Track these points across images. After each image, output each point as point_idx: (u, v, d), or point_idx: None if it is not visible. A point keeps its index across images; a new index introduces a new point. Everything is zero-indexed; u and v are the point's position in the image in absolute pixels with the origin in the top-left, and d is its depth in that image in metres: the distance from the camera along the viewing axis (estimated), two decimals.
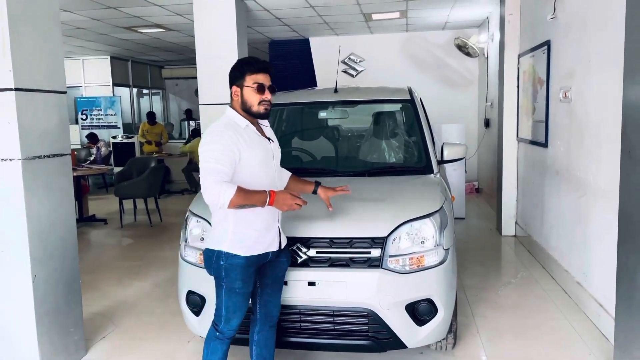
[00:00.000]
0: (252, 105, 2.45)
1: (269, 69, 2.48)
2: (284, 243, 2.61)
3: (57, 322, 3.13)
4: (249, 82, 2.44)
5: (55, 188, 3.12)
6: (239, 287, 2.44)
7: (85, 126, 11.72)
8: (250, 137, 2.44)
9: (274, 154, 2.57)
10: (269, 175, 2.50)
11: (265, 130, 2.59)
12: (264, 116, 2.48)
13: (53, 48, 3.11)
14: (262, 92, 2.43)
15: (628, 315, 2.73)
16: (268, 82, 2.46)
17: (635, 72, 2.63)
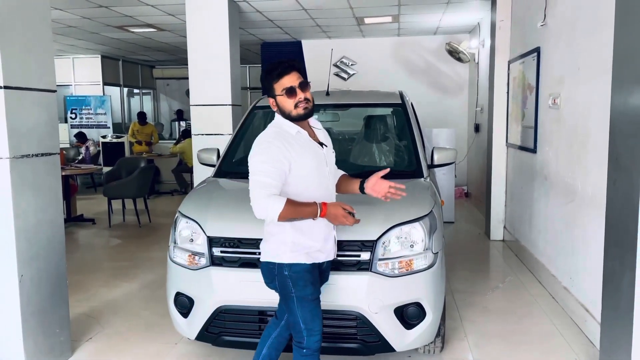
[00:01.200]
0: (290, 111, 2.33)
1: (291, 68, 2.33)
2: (334, 255, 2.53)
3: (43, 323, 3.10)
4: (278, 91, 2.33)
5: (43, 187, 3.09)
6: (310, 293, 2.33)
7: (75, 125, 11.63)
8: (301, 144, 2.33)
9: (327, 159, 2.44)
10: (322, 183, 2.40)
11: (319, 133, 2.48)
12: (306, 116, 2.35)
13: (43, 46, 3.09)
14: (294, 95, 2.31)
15: (613, 320, 2.76)
16: (296, 81, 2.32)
17: (623, 80, 2.67)
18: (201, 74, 6.41)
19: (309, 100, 2.33)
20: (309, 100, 2.33)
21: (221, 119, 6.44)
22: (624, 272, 2.61)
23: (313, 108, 2.37)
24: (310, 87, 2.37)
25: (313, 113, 2.38)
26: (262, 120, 4.53)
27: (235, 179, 3.74)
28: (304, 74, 2.41)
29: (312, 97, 2.36)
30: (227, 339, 2.87)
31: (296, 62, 2.39)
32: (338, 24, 8.24)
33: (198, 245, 2.93)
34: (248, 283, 2.78)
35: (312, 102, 2.36)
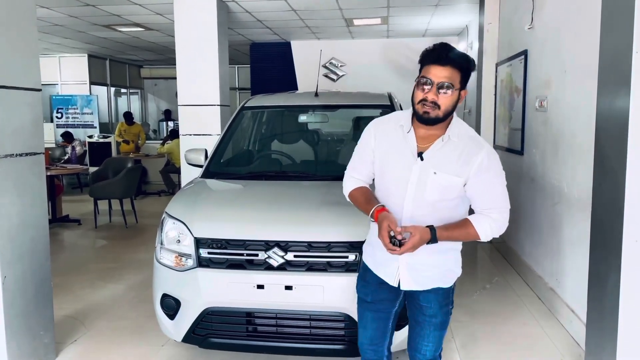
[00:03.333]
0: (414, 104, 1.97)
1: (446, 61, 1.89)
2: (416, 285, 2.10)
3: (27, 325, 3.05)
4: (419, 75, 1.96)
5: (27, 187, 3.04)
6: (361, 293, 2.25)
7: (61, 125, 11.49)
8: (396, 140, 2.05)
9: (419, 177, 1.99)
10: (393, 198, 2.04)
11: (453, 148, 1.98)
12: (423, 120, 1.95)
13: (28, 44, 3.04)
14: (425, 90, 1.91)
15: (599, 321, 2.78)
16: (441, 78, 1.89)
17: (608, 83, 2.70)
18: (189, 74, 6.38)
19: (434, 105, 1.91)
20: (434, 106, 1.91)
21: (209, 119, 6.41)
22: (609, 273, 2.64)
23: (441, 117, 1.94)
24: (453, 94, 1.92)
25: (438, 122, 1.95)
26: (251, 120, 4.52)
27: (223, 179, 3.73)
28: (465, 74, 1.94)
29: (449, 104, 1.92)
30: (214, 341, 2.85)
31: (464, 57, 1.94)
32: (327, 25, 8.25)
33: (185, 246, 2.90)
34: (236, 285, 2.76)
35: (441, 110, 1.92)
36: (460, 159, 1.99)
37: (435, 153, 2.00)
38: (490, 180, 2.01)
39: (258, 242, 2.78)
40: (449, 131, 2.00)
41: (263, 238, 2.78)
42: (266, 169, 3.99)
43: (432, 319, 2.16)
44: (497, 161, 2.04)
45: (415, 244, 1.91)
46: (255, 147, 4.51)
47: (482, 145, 2.02)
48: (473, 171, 1.97)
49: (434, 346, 2.20)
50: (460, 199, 2.06)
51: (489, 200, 2.02)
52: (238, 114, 4.20)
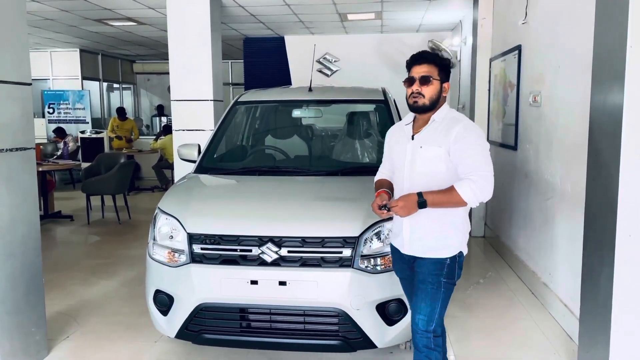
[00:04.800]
0: (407, 100, 2.41)
1: (422, 60, 2.37)
2: (413, 251, 2.40)
3: (18, 321, 3.02)
4: (405, 79, 2.41)
5: (17, 183, 3.01)
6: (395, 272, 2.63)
7: (52, 120, 11.40)
8: (399, 135, 2.52)
9: (411, 154, 2.39)
10: (399, 177, 2.46)
11: (437, 127, 2.36)
12: (414, 109, 2.40)
13: (18, 38, 3.00)
14: (411, 85, 2.37)
15: (592, 316, 2.79)
16: (420, 73, 2.34)
17: (602, 78, 2.69)
18: (182, 69, 6.33)
19: (420, 94, 2.34)
20: (419, 95, 2.34)
21: (203, 114, 6.37)
22: (602, 268, 2.64)
23: (428, 105, 2.35)
24: (434, 84, 2.35)
25: (426, 109, 2.37)
26: (244, 115, 4.50)
27: (217, 175, 3.71)
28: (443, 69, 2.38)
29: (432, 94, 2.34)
30: (208, 336, 2.84)
31: (436, 56, 2.41)
32: (321, 20, 8.21)
33: (178, 242, 2.88)
34: (229, 280, 2.75)
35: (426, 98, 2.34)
36: (441, 133, 2.34)
37: (423, 133, 2.40)
38: (468, 146, 2.28)
39: (252, 238, 2.77)
40: (434, 115, 2.40)
41: (257, 233, 2.77)
42: (260, 164, 3.97)
43: (422, 284, 2.37)
44: (475, 132, 2.34)
45: (401, 205, 2.25)
46: (249, 142, 4.49)
47: (460, 120, 2.38)
48: (452, 140, 2.29)
49: (425, 317, 2.34)
50: (453, 173, 2.31)
51: (468, 165, 2.26)
52: (231, 108, 4.18)
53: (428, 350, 2.35)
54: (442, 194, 2.25)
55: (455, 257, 2.36)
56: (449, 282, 2.37)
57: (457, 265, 2.37)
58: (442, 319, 2.38)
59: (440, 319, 2.36)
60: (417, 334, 2.36)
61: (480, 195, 2.23)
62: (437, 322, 2.34)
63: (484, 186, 2.23)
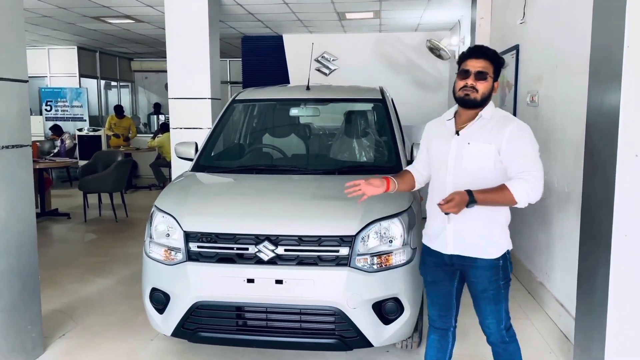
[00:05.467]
0: (455, 93, 2.32)
1: (480, 54, 2.28)
2: (458, 250, 2.33)
3: (13, 319, 3.02)
4: (458, 70, 2.33)
5: (13, 180, 3.00)
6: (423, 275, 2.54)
7: (50, 117, 11.37)
8: (440, 130, 2.43)
9: (456, 150, 2.30)
10: (440, 174, 2.37)
11: (485, 124, 2.29)
12: (464, 103, 2.29)
13: (14, 35, 2.99)
14: (465, 78, 2.27)
15: (588, 315, 2.80)
16: (477, 68, 2.25)
17: (599, 78, 2.70)
18: (180, 67, 6.33)
19: (474, 89, 2.25)
20: (474, 89, 2.26)
21: (200, 112, 6.37)
22: (598, 268, 2.65)
23: (479, 100, 2.27)
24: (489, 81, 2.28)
25: (475, 105, 2.29)
26: (242, 113, 4.49)
27: (214, 173, 3.70)
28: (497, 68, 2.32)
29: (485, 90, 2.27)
30: (204, 335, 2.84)
31: (494, 52, 2.33)
32: (319, 18, 8.21)
33: (174, 240, 2.88)
34: (225, 279, 2.75)
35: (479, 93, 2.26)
36: (492, 130, 2.27)
37: (470, 129, 2.31)
38: (522, 146, 2.22)
39: (248, 236, 2.76)
40: (482, 112, 2.32)
41: (253, 232, 2.77)
42: (257, 162, 3.97)
43: (483, 293, 2.35)
44: (529, 132, 2.27)
45: (454, 201, 2.14)
46: (246, 140, 4.48)
47: (513, 119, 2.33)
48: (505, 139, 2.22)
49: (495, 320, 2.37)
50: (500, 171, 2.26)
51: (521, 165, 2.20)
52: (229, 107, 4.17)
53: (504, 344, 2.40)
54: (493, 193, 2.18)
55: (505, 255, 2.34)
56: (507, 282, 2.36)
57: (508, 263, 2.36)
58: (509, 313, 2.41)
59: (507, 314, 2.39)
60: (491, 335, 2.42)
61: (532, 195, 2.18)
62: (505, 318, 2.39)
63: (536, 186, 2.18)
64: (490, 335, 2.42)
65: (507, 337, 2.40)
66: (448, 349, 2.57)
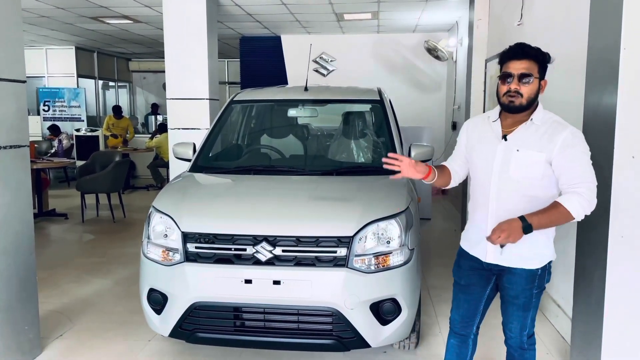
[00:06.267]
0: (499, 98, 2.18)
1: (522, 54, 2.14)
2: (498, 259, 2.23)
3: (11, 319, 3.01)
4: (500, 73, 2.20)
5: (11, 181, 3.00)
6: (456, 277, 2.45)
7: (47, 118, 11.36)
8: (484, 131, 2.28)
9: (503, 156, 2.17)
10: (483, 179, 2.24)
11: (536, 129, 2.15)
12: (509, 109, 2.15)
13: (13, 35, 2.99)
14: (508, 82, 2.13)
15: (585, 316, 2.81)
16: (520, 70, 2.11)
17: (596, 80, 2.71)
18: (178, 67, 6.32)
19: (518, 93, 2.11)
20: (518, 94, 2.11)
21: (198, 113, 6.37)
22: (595, 269, 2.66)
23: (525, 105, 2.13)
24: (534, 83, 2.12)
25: (522, 109, 2.14)
26: (240, 114, 4.49)
27: (212, 173, 3.70)
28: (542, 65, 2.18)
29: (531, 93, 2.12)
30: (202, 335, 2.84)
31: (537, 50, 2.20)
32: (318, 19, 8.21)
33: (172, 240, 2.88)
34: (223, 279, 2.75)
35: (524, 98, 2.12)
36: (543, 137, 2.13)
37: (519, 134, 2.17)
38: (576, 156, 2.09)
39: (246, 237, 2.77)
40: (533, 116, 2.17)
41: (251, 233, 2.77)
42: (255, 163, 3.97)
43: (514, 300, 2.29)
44: (583, 140, 2.14)
45: (504, 236, 2.05)
46: (244, 141, 4.48)
47: (566, 126, 2.15)
48: (557, 148, 2.09)
49: (519, 325, 2.32)
50: (548, 180, 2.15)
51: (575, 176, 2.09)
52: (227, 107, 4.17)
53: (522, 350, 2.37)
54: (548, 215, 2.07)
55: (545, 266, 2.26)
56: (540, 290, 2.30)
57: (546, 273, 2.28)
58: (534, 322, 2.35)
59: (532, 322, 2.33)
60: (510, 338, 2.37)
61: (587, 208, 2.08)
62: (530, 326, 2.34)
63: (591, 198, 2.07)
64: (510, 338, 2.37)
65: (527, 344, 2.36)
66: (468, 355, 2.53)
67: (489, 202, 2.21)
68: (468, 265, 2.38)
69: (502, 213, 2.16)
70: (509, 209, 2.15)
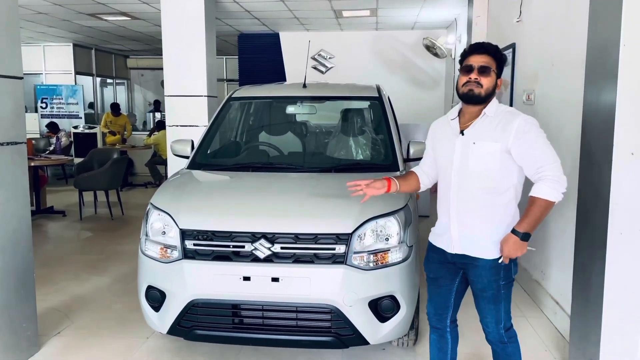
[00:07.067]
0: (458, 90, 2.28)
1: (482, 49, 2.26)
2: (462, 249, 2.32)
3: (8, 317, 3.00)
4: (462, 66, 2.30)
5: (8, 178, 2.98)
6: (426, 271, 2.52)
7: (45, 115, 11.32)
8: (445, 129, 2.39)
9: (461, 150, 2.27)
10: (445, 174, 2.36)
11: (490, 121, 2.24)
12: (467, 98, 2.25)
13: (9, 31, 2.97)
14: (468, 73, 2.24)
15: (583, 313, 2.81)
16: (480, 63, 2.23)
17: (595, 77, 2.70)
18: (176, 64, 6.30)
19: (478, 83, 2.21)
20: (477, 84, 2.22)
21: (196, 110, 6.35)
22: (593, 266, 2.66)
23: (483, 96, 2.23)
24: (492, 77, 2.24)
25: (479, 100, 2.24)
26: (238, 111, 4.48)
27: (210, 170, 3.69)
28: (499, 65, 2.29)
29: (489, 85, 2.23)
30: (200, 333, 2.83)
31: (496, 48, 2.32)
32: (316, 16, 8.19)
33: (170, 237, 2.87)
34: (222, 276, 2.74)
35: (483, 88, 2.22)
36: (497, 128, 2.22)
37: (475, 128, 2.27)
38: (532, 140, 2.18)
39: (244, 234, 2.76)
40: (485, 110, 2.27)
41: (249, 230, 2.76)
42: (253, 160, 3.96)
43: (483, 293, 2.35)
44: (535, 125, 2.22)
45: (506, 253, 2.23)
46: (243, 138, 4.47)
47: (518, 114, 2.25)
48: (512, 136, 2.18)
49: (493, 319, 2.36)
50: (506, 170, 2.23)
51: (537, 159, 2.18)
52: (225, 104, 4.16)
53: (503, 344, 2.40)
54: (531, 213, 2.18)
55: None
56: (508, 281, 2.34)
57: (512, 264, 2.32)
58: (509, 314, 2.39)
59: (507, 314, 2.37)
60: (489, 333, 2.41)
61: (560, 187, 2.17)
62: (505, 318, 2.37)
63: (559, 177, 2.16)
64: (489, 334, 2.42)
65: (506, 337, 2.39)
66: (448, 350, 2.57)
67: (451, 195, 2.32)
68: (435, 259, 2.47)
69: (463, 205, 2.29)
70: (469, 201, 2.28)
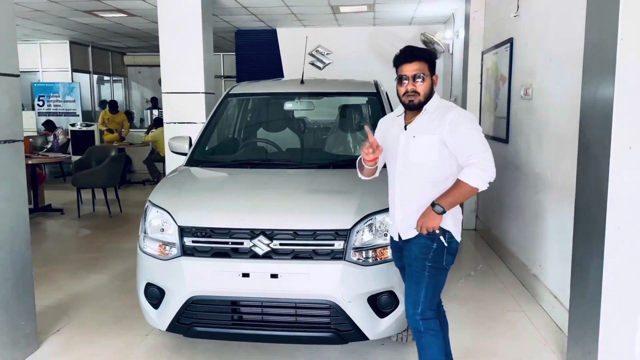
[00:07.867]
0: (400, 98, 2.45)
1: (412, 57, 2.40)
2: (405, 235, 2.47)
3: (7, 315, 3.00)
4: (396, 76, 2.45)
5: (6, 176, 2.97)
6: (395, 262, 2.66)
7: (42, 113, 11.28)
8: (391, 126, 2.55)
9: (404, 144, 2.44)
10: (391, 166, 2.53)
11: (430, 116, 2.40)
12: (410, 107, 2.44)
13: (5, 28, 2.95)
14: (403, 84, 2.41)
15: (581, 307, 2.82)
16: (413, 72, 2.38)
17: (593, 71, 2.70)
18: (173, 61, 6.28)
19: (415, 93, 2.38)
20: (414, 93, 2.38)
21: (194, 107, 6.34)
22: (591, 260, 2.66)
23: (423, 101, 2.41)
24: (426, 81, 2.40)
25: (422, 105, 2.42)
26: (236, 108, 4.47)
27: (208, 167, 3.69)
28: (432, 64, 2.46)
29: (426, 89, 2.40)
30: (199, 329, 2.84)
31: (424, 51, 2.48)
32: (313, 12, 8.17)
33: (169, 235, 2.87)
34: (220, 273, 2.75)
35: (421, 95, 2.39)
36: (434, 121, 2.39)
37: (416, 123, 2.44)
38: (464, 132, 2.33)
39: (243, 231, 2.76)
40: (426, 106, 2.43)
41: (248, 226, 2.76)
42: (251, 157, 3.96)
43: (409, 268, 2.44)
44: (469, 118, 2.41)
45: (421, 222, 2.34)
46: (240, 134, 4.47)
47: (453, 107, 2.44)
48: (447, 128, 2.34)
49: (411, 299, 2.39)
50: (445, 160, 2.37)
51: (468, 149, 2.32)
52: (223, 101, 4.15)
53: (419, 333, 2.38)
54: (453, 192, 2.32)
55: (441, 241, 2.37)
56: (435, 266, 2.37)
57: (445, 250, 2.38)
58: (430, 303, 2.37)
59: (427, 302, 2.36)
60: (408, 317, 2.43)
61: (485, 176, 2.29)
62: (423, 306, 2.35)
63: (487, 166, 2.29)
64: (408, 317, 2.42)
65: (423, 326, 2.36)
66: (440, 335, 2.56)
67: (395, 186, 2.48)
68: (394, 249, 2.63)
69: (405, 193, 2.45)
70: (411, 190, 2.43)
